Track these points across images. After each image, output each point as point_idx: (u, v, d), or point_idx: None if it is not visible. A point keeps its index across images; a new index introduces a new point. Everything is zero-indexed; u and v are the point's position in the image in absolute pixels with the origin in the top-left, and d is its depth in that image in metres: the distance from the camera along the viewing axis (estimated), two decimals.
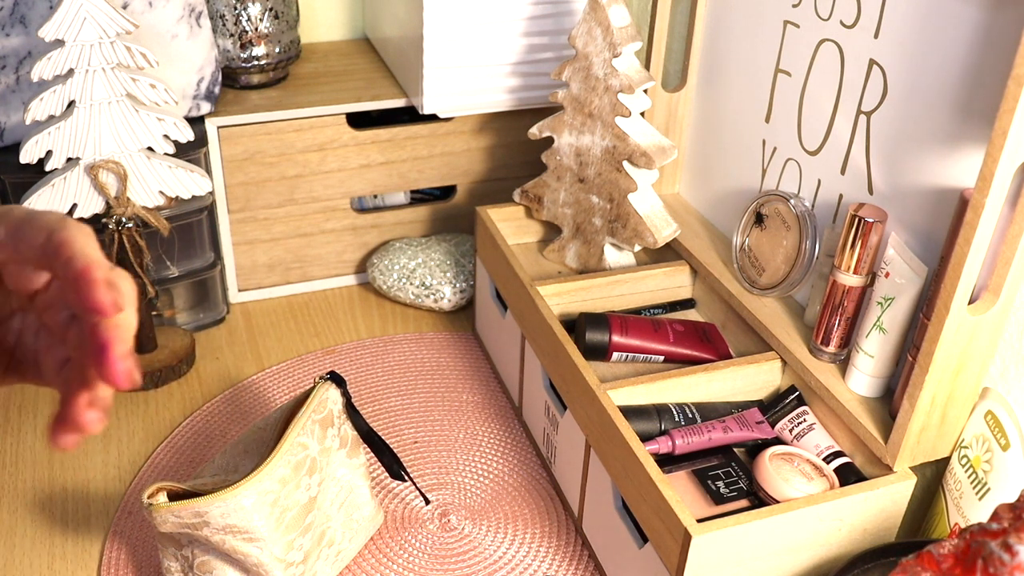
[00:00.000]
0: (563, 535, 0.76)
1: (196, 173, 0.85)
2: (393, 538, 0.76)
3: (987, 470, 0.61)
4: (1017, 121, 0.50)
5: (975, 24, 0.57)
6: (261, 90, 0.99)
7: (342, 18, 1.14)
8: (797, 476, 0.65)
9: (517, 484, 0.81)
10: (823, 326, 0.69)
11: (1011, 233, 0.56)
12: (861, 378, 0.67)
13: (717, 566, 0.59)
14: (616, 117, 0.82)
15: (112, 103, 0.78)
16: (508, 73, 0.97)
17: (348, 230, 1.04)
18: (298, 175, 0.98)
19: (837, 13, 0.69)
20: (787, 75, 0.75)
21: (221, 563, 0.63)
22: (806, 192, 0.75)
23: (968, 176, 0.61)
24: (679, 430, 0.70)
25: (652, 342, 0.79)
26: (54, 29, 0.73)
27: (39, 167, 0.79)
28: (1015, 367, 0.63)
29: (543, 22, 0.95)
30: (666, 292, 0.88)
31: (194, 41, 0.89)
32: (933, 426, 0.62)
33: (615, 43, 0.80)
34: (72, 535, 0.75)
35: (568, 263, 0.92)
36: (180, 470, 0.81)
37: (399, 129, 0.99)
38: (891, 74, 0.65)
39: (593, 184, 0.87)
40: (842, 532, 0.62)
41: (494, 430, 0.87)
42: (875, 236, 0.65)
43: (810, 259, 0.73)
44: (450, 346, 0.98)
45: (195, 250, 0.95)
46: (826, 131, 0.72)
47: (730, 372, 0.74)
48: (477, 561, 0.74)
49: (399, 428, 0.87)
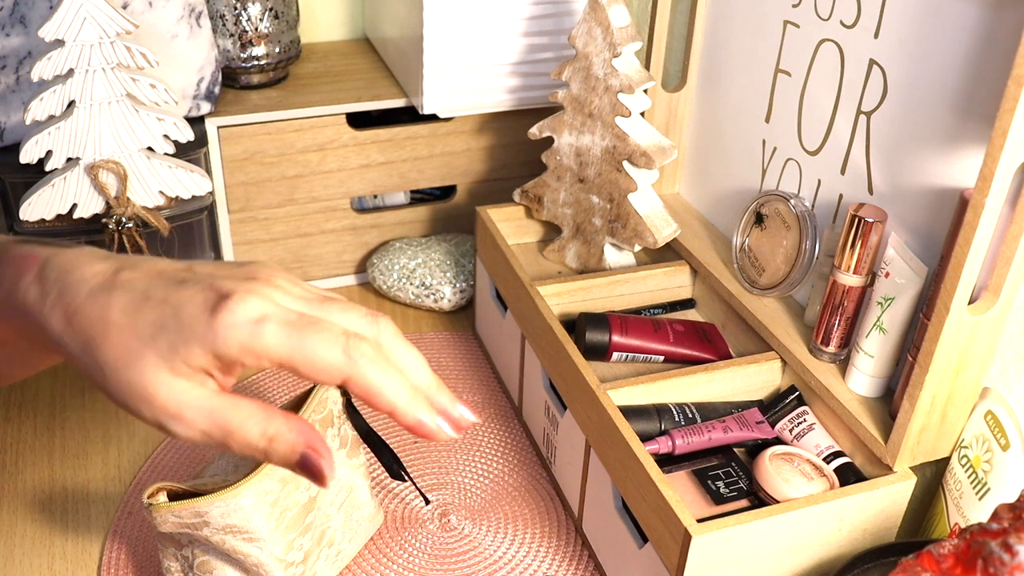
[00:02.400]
0: (563, 535, 0.76)
1: (196, 173, 0.85)
2: (393, 538, 0.76)
3: (987, 470, 0.61)
4: (1017, 121, 0.50)
5: (975, 24, 0.57)
6: (261, 90, 0.99)
7: (342, 18, 1.14)
8: (797, 476, 0.65)
9: (517, 484, 0.81)
10: (823, 326, 0.69)
11: (1011, 233, 0.56)
12: (861, 378, 0.67)
13: (717, 566, 0.59)
14: (616, 117, 0.82)
15: (112, 103, 0.78)
16: (508, 73, 0.97)
17: (348, 230, 1.04)
18: (298, 175, 0.98)
19: (837, 13, 0.69)
20: (787, 75, 0.75)
21: (221, 563, 0.63)
22: (806, 192, 0.75)
23: (968, 176, 0.61)
24: (679, 430, 0.70)
25: (652, 342, 0.79)
26: (54, 29, 0.73)
27: (39, 167, 0.79)
28: (1015, 367, 0.63)
29: (543, 22, 0.95)
30: (666, 292, 0.88)
31: (194, 41, 0.89)
32: (933, 426, 0.62)
33: (615, 43, 0.79)
34: (72, 535, 0.75)
35: (568, 263, 0.92)
36: (180, 470, 0.81)
37: (399, 129, 0.99)
38: (891, 74, 0.65)
39: (593, 184, 0.87)
40: (842, 532, 0.62)
41: (494, 430, 0.87)
42: (875, 236, 0.65)
43: (810, 259, 0.73)
44: (450, 346, 0.98)
45: (195, 250, 0.95)
46: (826, 131, 0.72)
47: (730, 372, 0.74)
48: (477, 561, 0.74)
49: (399, 428, 0.87)
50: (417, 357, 0.44)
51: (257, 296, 0.40)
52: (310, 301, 0.43)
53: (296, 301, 0.42)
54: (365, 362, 0.41)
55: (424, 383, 0.44)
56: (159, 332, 0.40)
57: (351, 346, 0.40)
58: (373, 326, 0.43)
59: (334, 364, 0.40)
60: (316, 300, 0.43)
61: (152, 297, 0.41)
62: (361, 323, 0.43)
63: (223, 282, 0.41)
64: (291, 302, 0.42)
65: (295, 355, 0.40)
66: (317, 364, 0.40)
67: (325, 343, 0.40)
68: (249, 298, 0.40)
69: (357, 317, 0.43)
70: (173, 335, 0.40)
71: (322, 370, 0.40)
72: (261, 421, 0.41)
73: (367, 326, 0.43)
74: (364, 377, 0.41)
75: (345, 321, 0.42)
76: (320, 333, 0.40)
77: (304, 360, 0.40)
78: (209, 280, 0.41)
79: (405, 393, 0.42)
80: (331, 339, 0.40)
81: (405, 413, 0.42)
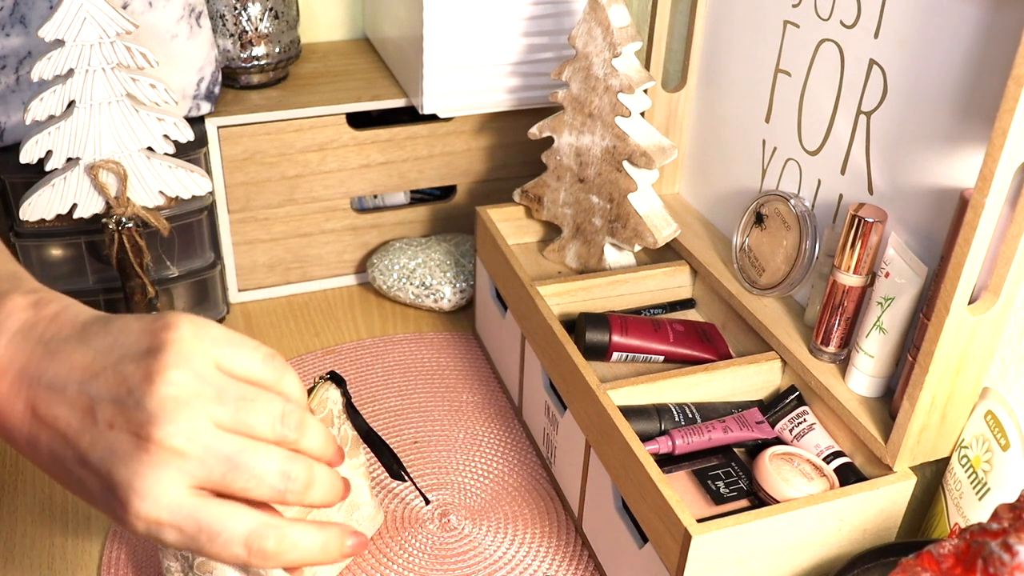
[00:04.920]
0: (563, 535, 0.76)
1: (196, 173, 0.85)
2: (393, 538, 0.76)
3: (987, 470, 0.61)
4: (1017, 121, 0.50)
5: (975, 24, 0.57)
6: (261, 90, 0.99)
7: (342, 18, 1.14)
8: (797, 476, 0.65)
9: (517, 484, 0.81)
10: (823, 326, 0.69)
11: (1011, 233, 0.56)
12: (861, 378, 0.67)
13: (717, 566, 0.59)
14: (616, 117, 0.82)
15: (112, 103, 0.78)
16: (508, 73, 0.97)
17: (348, 230, 1.04)
18: (298, 175, 0.98)
19: (837, 13, 0.69)
20: (787, 75, 0.75)
21: (221, 563, 0.63)
22: (806, 192, 0.75)
23: (968, 176, 0.61)
24: (679, 430, 0.70)
25: (652, 342, 0.79)
26: (54, 29, 0.72)
27: (39, 167, 0.79)
28: (1015, 367, 0.63)
29: (543, 22, 0.95)
30: (666, 292, 0.88)
31: (194, 41, 0.89)
32: (933, 426, 0.62)
33: (615, 43, 0.80)
34: (72, 535, 0.75)
35: (568, 263, 0.92)
36: None
37: (399, 129, 0.99)
38: (891, 74, 0.65)
39: (593, 184, 0.87)
40: (842, 532, 0.62)
41: (494, 430, 0.87)
42: (875, 236, 0.65)
43: (810, 259, 0.73)
44: (450, 346, 0.98)
45: (195, 250, 0.95)
46: (826, 131, 0.72)
47: (730, 372, 0.74)
48: (477, 561, 0.74)
49: (399, 428, 0.87)
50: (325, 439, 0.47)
51: (151, 498, 0.41)
52: (223, 440, 0.43)
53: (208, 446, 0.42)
54: (267, 559, 0.43)
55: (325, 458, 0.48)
56: (95, 501, 0.43)
57: (251, 552, 0.43)
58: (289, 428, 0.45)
59: (237, 561, 0.43)
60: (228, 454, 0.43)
61: (72, 474, 0.43)
62: (278, 428, 0.45)
63: (118, 472, 0.41)
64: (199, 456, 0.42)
65: (199, 551, 0.42)
66: (221, 559, 0.43)
67: (225, 549, 0.42)
68: (143, 507, 0.41)
69: (273, 424, 0.44)
70: (105, 507, 0.43)
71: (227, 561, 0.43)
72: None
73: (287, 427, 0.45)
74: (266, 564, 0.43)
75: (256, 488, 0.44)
76: (218, 541, 0.42)
77: (209, 556, 0.43)
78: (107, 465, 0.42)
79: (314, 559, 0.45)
80: (231, 542, 0.42)
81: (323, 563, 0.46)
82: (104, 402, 0.42)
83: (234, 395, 0.44)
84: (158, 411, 0.41)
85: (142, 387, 0.42)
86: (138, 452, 0.41)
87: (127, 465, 0.41)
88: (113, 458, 0.41)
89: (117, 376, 0.42)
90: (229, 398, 0.43)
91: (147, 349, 0.43)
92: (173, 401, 0.42)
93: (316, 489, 0.45)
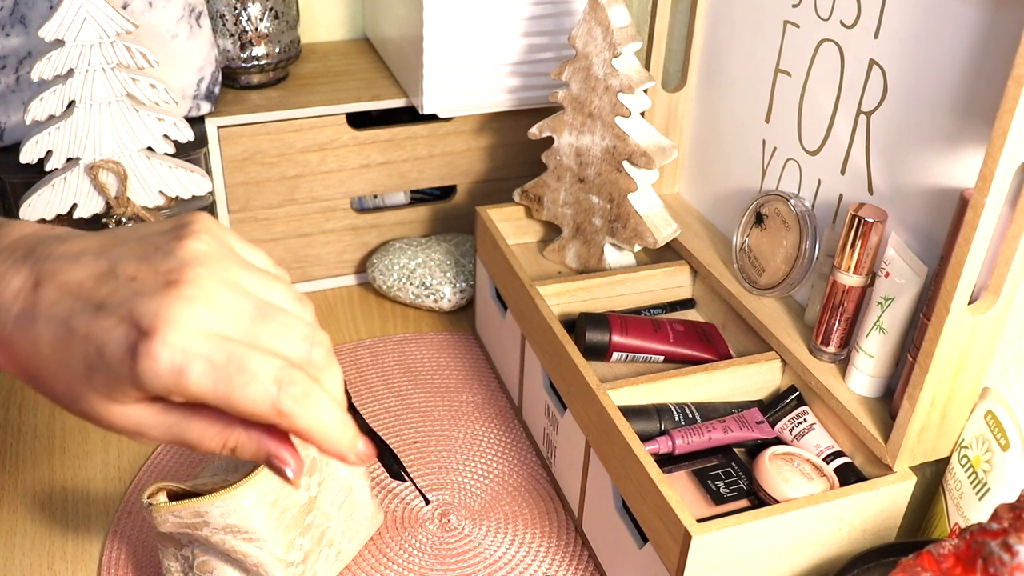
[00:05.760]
0: (563, 535, 0.76)
1: (196, 173, 0.85)
2: (393, 538, 0.76)
3: (987, 470, 0.61)
4: (1017, 121, 0.50)
5: (975, 24, 0.57)
6: (261, 90, 0.99)
7: (342, 18, 1.14)
8: (797, 476, 0.65)
9: (517, 484, 0.81)
10: (823, 326, 0.69)
11: (1011, 233, 0.56)
12: (861, 378, 0.67)
13: (717, 566, 0.59)
14: (616, 117, 0.82)
15: (112, 103, 0.78)
16: (508, 73, 0.97)
17: (348, 230, 1.04)
18: (298, 175, 0.98)
19: (837, 13, 0.69)
20: (787, 75, 0.75)
21: (221, 563, 0.63)
22: (806, 192, 0.75)
23: (968, 176, 0.61)
24: (679, 430, 0.70)
25: (652, 342, 0.79)
26: (54, 29, 0.73)
27: (39, 167, 0.79)
28: (1015, 367, 0.63)
29: (543, 22, 0.95)
30: (666, 292, 0.88)
31: (194, 41, 0.89)
32: (933, 426, 0.62)
33: (615, 43, 0.80)
34: (72, 535, 0.75)
35: (568, 263, 0.92)
36: (180, 470, 0.81)
37: (399, 129, 1.00)
38: (891, 74, 0.65)
39: (593, 184, 0.87)
40: (842, 532, 0.62)
41: (494, 430, 0.87)
42: (875, 236, 0.65)
43: (810, 259, 0.73)
44: (450, 346, 0.98)
45: None
46: (826, 131, 0.72)
47: (730, 372, 0.74)
48: (477, 561, 0.74)
49: (399, 428, 0.87)
50: (339, 380, 0.44)
51: (180, 325, 0.39)
52: (248, 297, 0.41)
53: (235, 300, 0.41)
54: (297, 409, 0.40)
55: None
56: (92, 372, 0.40)
57: (280, 398, 0.40)
58: (307, 348, 0.42)
59: (264, 413, 0.40)
60: (255, 306, 0.41)
61: (75, 331, 0.40)
62: (299, 348, 0.42)
63: (144, 305, 0.39)
64: (228, 305, 0.40)
65: (223, 401, 0.39)
66: (246, 410, 0.40)
67: (253, 393, 0.39)
68: (170, 334, 0.38)
69: (296, 342, 0.42)
70: (104, 376, 0.39)
71: (252, 415, 0.40)
72: (218, 435, 0.42)
73: (303, 349, 0.42)
74: (293, 422, 0.41)
75: (281, 346, 0.41)
76: (249, 384, 0.39)
77: (233, 406, 0.40)
78: (128, 304, 0.39)
79: (333, 431, 0.42)
80: (261, 390, 0.40)
81: (332, 449, 0.43)
82: (127, 260, 0.41)
83: (259, 272, 0.43)
84: (190, 259, 0.40)
85: (171, 244, 0.41)
86: (167, 288, 0.39)
87: (154, 299, 0.39)
88: (137, 298, 0.39)
89: (143, 243, 0.41)
90: (256, 272, 0.43)
91: (173, 226, 0.42)
92: (204, 254, 0.41)
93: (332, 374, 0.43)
